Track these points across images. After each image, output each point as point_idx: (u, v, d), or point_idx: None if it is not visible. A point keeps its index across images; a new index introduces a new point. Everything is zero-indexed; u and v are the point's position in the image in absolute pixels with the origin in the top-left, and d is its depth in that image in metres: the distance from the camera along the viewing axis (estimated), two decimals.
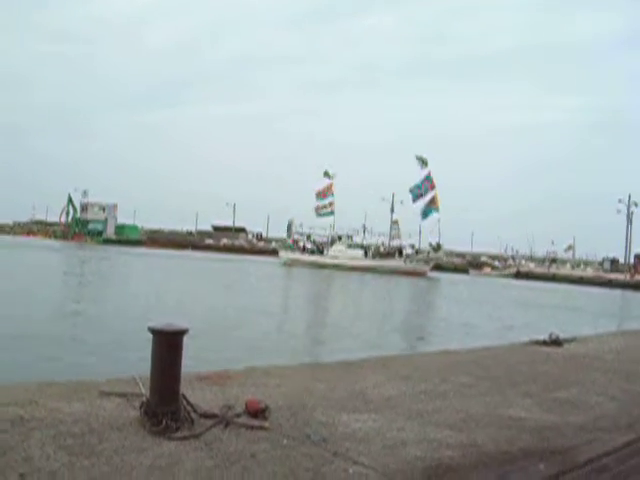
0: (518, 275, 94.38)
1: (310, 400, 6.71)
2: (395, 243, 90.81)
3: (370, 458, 5.05)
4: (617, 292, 70.21)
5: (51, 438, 4.76)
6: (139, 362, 8.81)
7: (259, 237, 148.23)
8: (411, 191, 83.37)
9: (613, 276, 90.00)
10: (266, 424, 5.61)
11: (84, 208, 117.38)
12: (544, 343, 12.95)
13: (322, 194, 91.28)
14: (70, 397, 5.89)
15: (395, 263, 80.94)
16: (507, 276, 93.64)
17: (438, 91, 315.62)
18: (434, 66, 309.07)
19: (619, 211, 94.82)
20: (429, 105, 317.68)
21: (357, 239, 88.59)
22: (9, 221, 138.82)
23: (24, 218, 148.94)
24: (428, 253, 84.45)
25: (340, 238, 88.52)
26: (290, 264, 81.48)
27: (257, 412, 5.77)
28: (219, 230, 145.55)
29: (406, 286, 59.14)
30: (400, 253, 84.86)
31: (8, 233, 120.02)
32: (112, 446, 4.71)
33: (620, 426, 6.69)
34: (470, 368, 9.56)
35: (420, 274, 76.47)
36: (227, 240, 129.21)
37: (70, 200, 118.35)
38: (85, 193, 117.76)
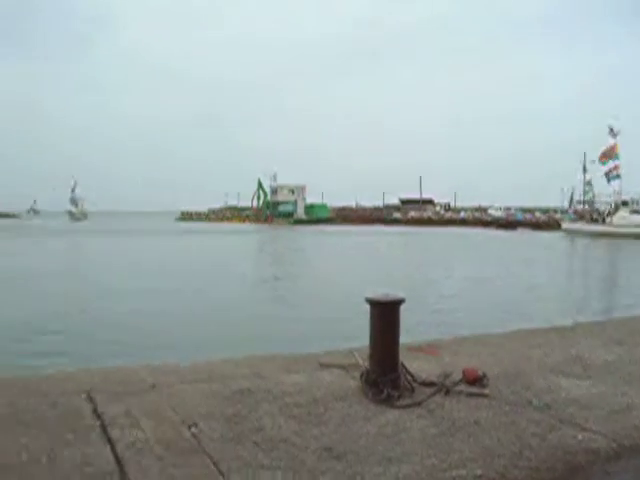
0: None
1: (527, 366, 6.50)
2: None
3: (597, 424, 4.82)
4: None
5: (278, 408, 4.96)
6: (352, 333, 9.01)
7: (447, 208, 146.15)
8: None
9: None
10: (486, 391, 5.50)
11: (274, 191, 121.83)
12: None
13: (606, 156, 78.54)
14: (291, 369, 6.12)
15: None
16: None
17: None
18: None
19: None
20: None
21: None
22: (204, 208, 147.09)
23: (217, 204, 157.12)
24: None
25: (625, 204, 76.83)
26: (572, 234, 75.45)
27: (475, 380, 5.66)
28: (406, 203, 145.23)
29: None
30: None
31: (203, 220, 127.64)
32: (338, 415, 4.83)
33: None
34: None
35: None
36: (415, 213, 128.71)
37: (260, 184, 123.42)
38: (274, 177, 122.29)
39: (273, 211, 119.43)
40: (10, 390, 5.37)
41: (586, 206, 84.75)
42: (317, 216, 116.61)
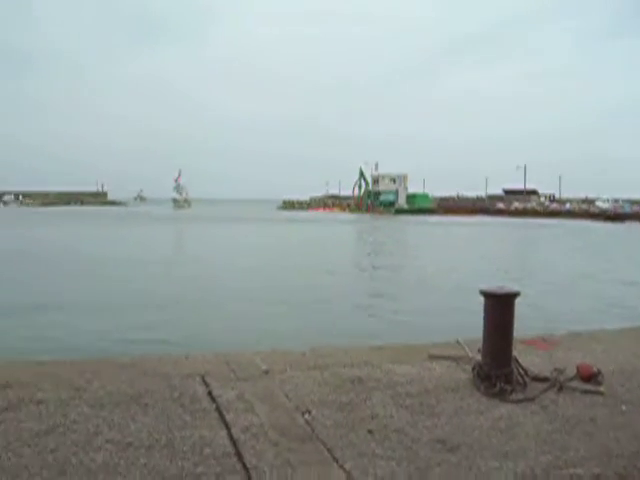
0: None
1: None
2: None
3: None
4: None
5: (390, 397, 5.00)
6: (460, 324, 8.91)
7: (552, 199, 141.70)
8: None
9: None
10: (601, 389, 5.34)
11: (375, 180, 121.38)
12: None
13: None
14: (401, 360, 6.14)
15: None
16: None
17: None
18: None
19: None
20: None
21: None
22: (306, 197, 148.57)
23: (319, 193, 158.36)
24: None
25: None
26: None
27: (590, 376, 5.50)
28: (510, 193, 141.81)
29: None
30: None
31: (305, 209, 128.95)
32: (450, 407, 4.81)
33: None
34: None
35: None
36: (518, 203, 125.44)
37: (362, 173, 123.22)
38: (376, 166, 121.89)
39: (374, 200, 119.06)
40: (130, 371, 5.63)
41: None
42: (419, 206, 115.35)
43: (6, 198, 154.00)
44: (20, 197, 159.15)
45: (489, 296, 5.15)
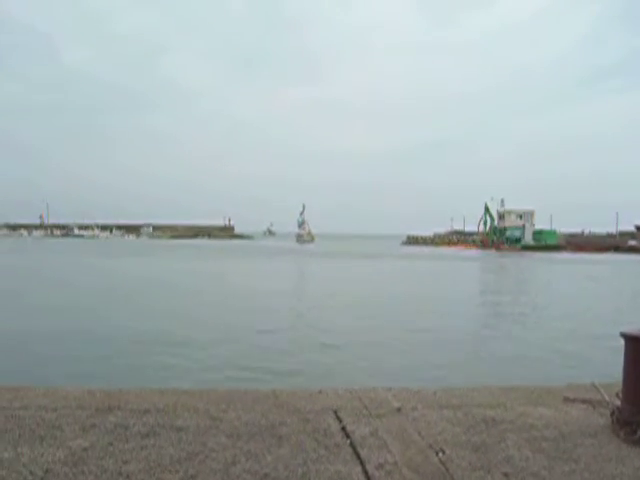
0: None
1: None
2: None
3: None
4: None
5: (525, 440, 4.92)
6: (597, 367, 8.63)
7: None
8: None
9: None
10: None
11: (501, 216, 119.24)
12: None
13: None
14: (535, 401, 6.03)
15: None
16: None
17: None
18: None
19: None
20: None
21: None
22: (430, 233, 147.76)
23: (443, 229, 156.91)
24: None
25: None
26: None
27: None
28: None
29: None
30: None
31: (429, 244, 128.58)
32: (588, 452, 4.69)
33: None
34: None
35: None
36: None
37: (487, 209, 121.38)
38: (502, 202, 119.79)
39: (500, 237, 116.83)
40: (264, 403, 5.82)
41: None
42: (546, 242, 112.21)
43: (143, 230, 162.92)
44: (151, 229, 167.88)
45: (630, 338, 5.01)
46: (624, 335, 5.05)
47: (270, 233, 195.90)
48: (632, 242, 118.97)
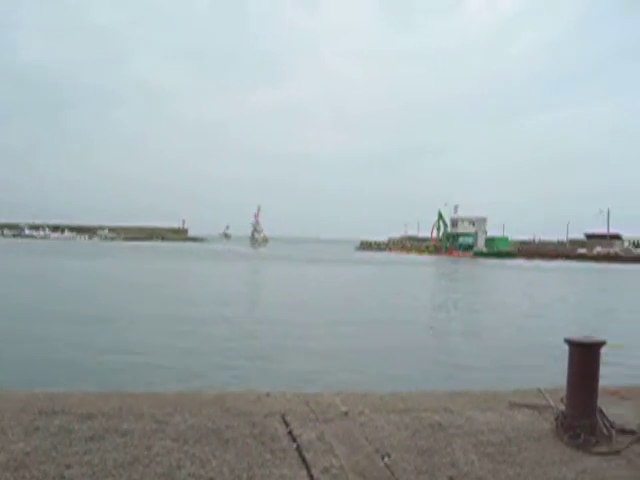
0: None
1: None
2: None
3: None
4: None
5: (471, 445, 4.94)
6: (539, 373, 8.76)
7: (636, 243, 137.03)
8: None
9: None
10: None
11: (454, 223, 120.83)
12: None
13: None
14: (481, 406, 6.06)
15: None
16: None
17: None
18: None
19: None
20: None
21: None
22: (384, 238, 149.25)
23: (398, 234, 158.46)
24: None
25: None
26: None
27: None
28: (592, 238, 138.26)
29: None
30: None
31: (383, 249, 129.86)
32: (532, 456, 4.73)
33: None
34: None
35: None
36: (601, 248, 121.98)
37: (440, 216, 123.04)
38: (456, 208, 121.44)
39: (453, 243, 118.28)
40: (210, 407, 5.73)
41: None
42: (498, 249, 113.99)
43: (99, 232, 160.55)
44: (107, 231, 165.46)
45: (574, 345, 5.08)
46: (568, 341, 5.12)
47: (226, 236, 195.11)
48: (581, 250, 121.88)
